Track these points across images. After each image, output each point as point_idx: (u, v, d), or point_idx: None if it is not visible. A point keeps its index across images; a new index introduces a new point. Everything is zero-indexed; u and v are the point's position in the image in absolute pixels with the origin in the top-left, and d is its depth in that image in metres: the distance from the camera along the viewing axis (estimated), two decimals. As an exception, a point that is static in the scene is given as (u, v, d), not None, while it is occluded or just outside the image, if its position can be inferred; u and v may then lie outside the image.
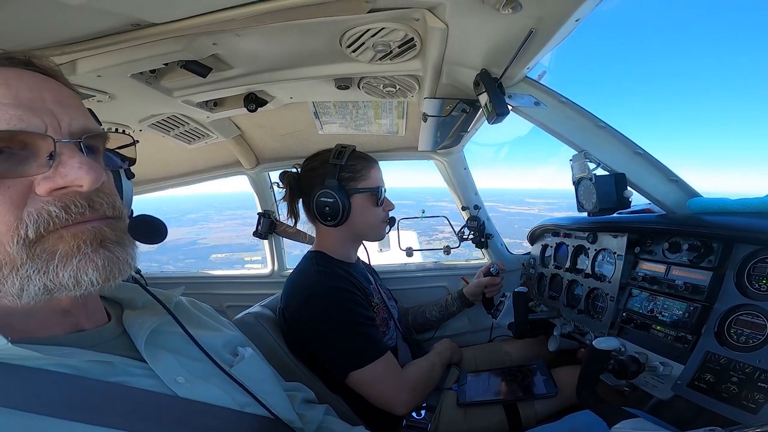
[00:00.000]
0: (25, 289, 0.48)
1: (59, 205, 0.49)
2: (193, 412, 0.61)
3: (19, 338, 0.50)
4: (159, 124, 1.60)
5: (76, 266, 0.50)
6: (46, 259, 0.49)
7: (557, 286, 1.73)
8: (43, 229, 0.48)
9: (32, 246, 0.48)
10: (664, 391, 1.03)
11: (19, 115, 0.48)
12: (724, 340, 0.95)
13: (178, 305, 0.80)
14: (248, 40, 1.04)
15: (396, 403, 1.24)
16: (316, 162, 1.44)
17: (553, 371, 1.46)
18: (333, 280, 1.30)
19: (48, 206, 0.49)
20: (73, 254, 0.50)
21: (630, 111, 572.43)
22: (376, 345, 1.25)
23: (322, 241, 1.47)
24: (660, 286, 1.15)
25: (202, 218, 44.44)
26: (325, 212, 1.34)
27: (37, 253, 0.48)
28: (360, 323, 1.25)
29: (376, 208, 1.44)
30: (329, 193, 1.33)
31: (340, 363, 1.23)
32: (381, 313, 1.43)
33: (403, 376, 1.28)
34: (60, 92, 0.54)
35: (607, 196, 1.16)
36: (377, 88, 1.41)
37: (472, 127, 1.68)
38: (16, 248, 0.47)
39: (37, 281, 0.48)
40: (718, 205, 1.10)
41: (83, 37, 0.93)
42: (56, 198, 0.49)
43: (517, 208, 18.04)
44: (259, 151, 2.22)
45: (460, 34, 0.97)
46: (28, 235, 0.47)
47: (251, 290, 2.55)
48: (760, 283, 0.92)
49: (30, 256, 0.48)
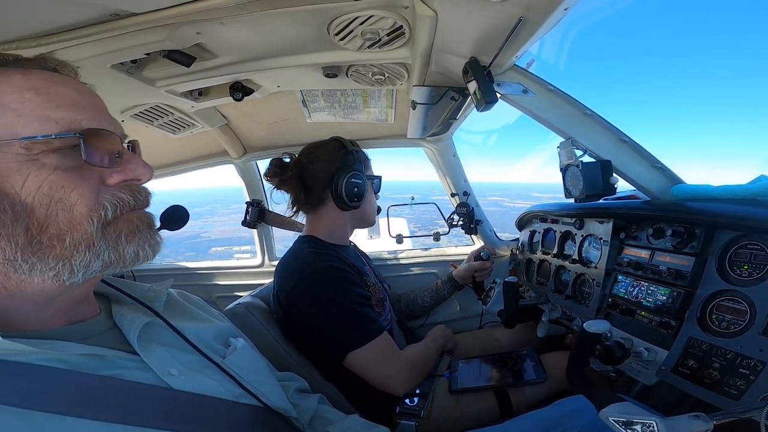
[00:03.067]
0: (90, 265, 0.55)
1: (128, 193, 0.59)
2: (187, 404, 0.62)
3: (15, 332, 0.53)
4: (142, 115, 1.57)
5: (137, 243, 0.59)
6: (115, 237, 0.57)
7: (545, 271, 1.76)
8: (119, 211, 0.57)
9: (106, 226, 0.56)
10: (649, 376, 1.05)
11: (97, 117, 0.57)
12: (706, 326, 0.97)
13: (168, 300, 0.80)
14: (233, 28, 1.01)
15: (395, 382, 1.26)
16: (326, 150, 1.47)
17: (542, 357, 1.49)
18: (327, 260, 1.31)
19: (119, 193, 0.58)
20: (135, 233, 0.59)
21: (619, 101, 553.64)
22: (374, 324, 1.26)
23: (317, 226, 1.48)
24: (644, 271, 1.18)
25: (208, 212, 44.48)
26: (354, 193, 1.40)
27: (109, 232, 0.56)
28: (357, 302, 1.25)
29: (374, 195, 1.56)
30: (360, 176, 1.41)
31: (338, 343, 1.23)
32: (377, 294, 1.44)
33: (401, 355, 1.30)
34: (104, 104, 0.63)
35: (593, 183, 1.17)
36: (366, 76, 1.40)
37: (461, 115, 1.68)
38: (94, 227, 0.54)
39: (105, 257, 0.56)
40: (701, 192, 1.12)
41: (60, 28, 0.90)
42: (123, 188, 0.59)
43: (523, 203, 18.33)
44: (246, 140, 2.19)
45: (449, 22, 0.96)
46: (107, 216, 0.56)
47: (241, 280, 2.55)
48: (742, 268, 0.94)
49: (103, 235, 0.56)
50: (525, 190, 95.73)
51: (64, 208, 0.52)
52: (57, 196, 0.52)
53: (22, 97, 0.52)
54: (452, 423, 1.30)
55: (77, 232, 0.53)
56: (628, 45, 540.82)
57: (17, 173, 0.50)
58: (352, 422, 0.95)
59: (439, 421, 1.30)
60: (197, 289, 2.52)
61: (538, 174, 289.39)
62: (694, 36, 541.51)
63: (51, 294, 0.56)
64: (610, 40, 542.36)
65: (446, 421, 1.31)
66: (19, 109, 0.51)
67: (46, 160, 0.51)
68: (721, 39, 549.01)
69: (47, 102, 0.53)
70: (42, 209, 0.51)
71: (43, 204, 0.51)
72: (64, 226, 0.53)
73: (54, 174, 0.52)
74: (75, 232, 0.53)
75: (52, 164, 0.52)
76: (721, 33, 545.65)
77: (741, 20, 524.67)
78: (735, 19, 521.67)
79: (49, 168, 0.52)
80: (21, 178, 0.50)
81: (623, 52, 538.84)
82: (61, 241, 0.53)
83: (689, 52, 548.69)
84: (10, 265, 0.51)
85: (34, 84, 0.54)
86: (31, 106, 0.52)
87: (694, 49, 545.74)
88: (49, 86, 0.55)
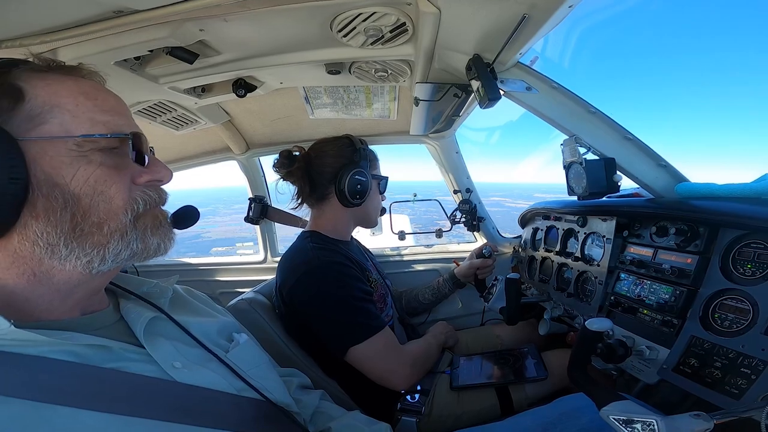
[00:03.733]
0: (121, 253, 0.60)
1: (154, 191, 0.65)
2: (191, 397, 0.64)
3: (29, 321, 0.57)
4: (145, 111, 1.57)
5: (161, 236, 0.66)
6: (143, 229, 0.63)
7: (547, 269, 1.75)
8: (148, 206, 0.64)
9: (137, 219, 0.62)
10: (650, 375, 1.05)
11: (132, 123, 0.65)
12: (709, 325, 0.97)
13: (173, 295, 0.82)
14: (236, 25, 1.01)
15: (395, 377, 1.26)
16: (336, 145, 1.48)
17: (544, 355, 1.49)
18: (330, 255, 1.31)
19: (147, 191, 0.64)
20: (158, 227, 0.65)
21: (625, 100, 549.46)
22: (375, 320, 1.26)
23: (321, 221, 1.48)
24: (647, 269, 1.17)
25: (210, 212, 44.65)
26: (356, 190, 1.40)
27: (139, 224, 0.62)
28: (358, 298, 1.26)
29: (380, 195, 1.56)
30: (364, 173, 1.41)
31: (340, 338, 1.23)
32: (379, 290, 1.44)
33: (403, 351, 1.30)
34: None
35: (596, 181, 1.17)
36: (369, 72, 1.39)
37: (464, 112, 1.67)
38: (128, 219, 0.61)
39: (134, 246, 0.62)
40: (705, 190, 1.11)
41: (63, 25, 0.90)
42: (149, 187, 0.65)
43: (525, 203, 18.10)
44: (249, 136, 2.19)
45: (453, 19, 0.95)
46: (139, 209, 0.62)
47: (244, 276, 2.56)
48: (745, 267, 0.94)
49: (134, 226, 0.62)
50: (527, 191, 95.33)
51: (105, 200, 0.58)
52: (100, 188, 0.58)
53: (76, 100, 0.59)
54: (453, 420, 1.30)
55: (114, 222, 0.59)
56: (635, 43, 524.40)
57: (69, 167, 0.56)
58: (353, 418, 0.96)
59: (440, 418, 1.30)
60: (200, 284, 2.54)
61: (540, 174, 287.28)
62: (706, 35, 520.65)
63: (76, 282, 0.61)
64: (616, 38, 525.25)
65: (447, 418, 1.31)
66: (74, 111, 0.58)
67: (94, 157, 0.58)
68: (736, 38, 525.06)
69: (96, 107, 0.60)
70: (86, 199, 0.57)
71: (87, 195, 0.57)
72: (104, 215, 0.59)
73: (99, 169, 0.58)
74: (112, 222, 0.59)
75: (97, 161, 0.58)
76: (736, 31, 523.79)
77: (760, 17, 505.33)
78: (750, 16, 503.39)
79: (95, 164, 0.58)
80: (72, 171, 0.56)
81: (629, 51, 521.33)
82: (100, 229, 0.58)
83: (699, 51, 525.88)
84: (50, 249, 0.56)
85: (84, 89, 0.61)
86: (83, 108, 0.59)
87: (707, 48, 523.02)
88: (96, 93, 0.62)
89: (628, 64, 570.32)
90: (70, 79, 0.61)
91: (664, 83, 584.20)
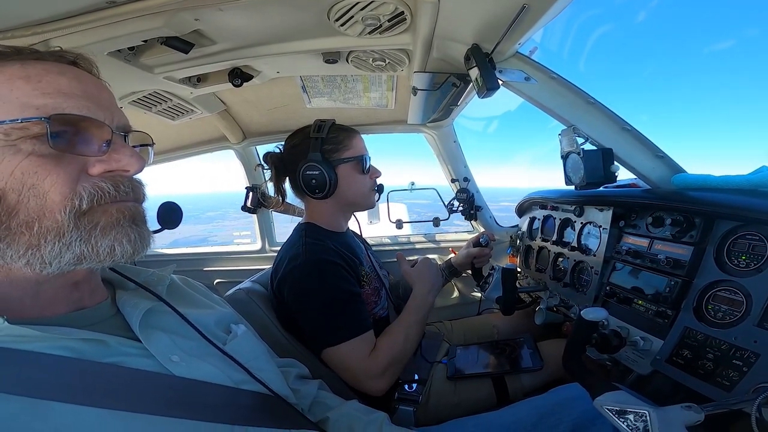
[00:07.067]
0: (61, 256, 0.53)
1: (110, 183, 0.57)
2: (189, 391, 0.62)
3: (20, 319, 0.53)
4: (140, 101, 1.56)
5: (113, 237, 0.56)
6: (89, 229, 0.55)
7: (544, 259, 1.76)
8: (96, 201, 0.55)
9: (80, 216, 0.54)
10: (643, 366, 1.07)
11: (88, 105, 0.56)
12: (702, 316, 0.97)
13: (170, 285, 0.80)
14: (232, 14, 1.00)
15: (367, 387, 1.22)
16: (296, 139, 1.43)
17: (540, 344, 1.51)
18: (318, 253, 1.28)
19: (100, 183, 0.56)
20: (112, 227, 0.56)
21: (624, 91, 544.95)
22: (354, 323, 1.22)
23: (313, 213, 1.47)
24: (643, 260, 1.18)
25: (220, 216, 44.79)
26: (312, 185, 1.35)
27: (83, 223, 0.54)
28: (340, 299, 1.22)
29: (363, 176, 1.44)
30: (314, 166, 1.33)
31: (316, 338, 1.23)
32: (372, 283, 1.42)
33: (373, 361, 1.22)
34: (111, 95, 0.63)
35: (594, 171, 1.17)
36: (366, 62, 1.38)
37: (462, 101, 1.67)
38: (66, 217, 0.53)
39: (76, 249, 0.54)
40: (701, 182, 1.12)
41: (55, 16, 0.89)
42: (106, 178, 0.57)
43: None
44: (246, 125, 2.18)
45: (451, 8, 0.94)
46: (81, 205, 0.53)
47: (241, 265, 2.56)
48: (740, 259, 0.94)
49: (76, 225, 0.53)
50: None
51: (36, 195, 0.51)
52: (30, 182, 0.51)
53: (12, 85, 0.53)
54: (450, 409, 1.32)
55: (47, 220, 0.52)
56: (636, 35, 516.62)
57: None
58: (351, 407, 0.96)
59: (437, 407, 1.32)
60: (197, 274, 2.55)
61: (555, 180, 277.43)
62: (711, 28, 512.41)
63: (35, 281, 0.56)
64: (617, 30, 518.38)
65: (444, 407, 1.33)
66: (6, 96, 0.52)
67: (24, 146, 0.51)
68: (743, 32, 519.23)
69: (35, 90, 0.53)
70: (14, 195, 0.51)
71: (14, 189, 0.51)
72: (34, 213, 0.52)
73: (27, 160, 0.51)
74: (44, 220, 0.52)
75: (27, 150, 0.51)
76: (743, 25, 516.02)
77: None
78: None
79: (23, 153, 0.51)
80: None
81: (630, 43, 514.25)
82: (30, 229, 0.52)
83: (702, 43, 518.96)
84: None
85: (29, 73, 0.54)
86: (18, 93, 0.52)
87: (708, 40, 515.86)
88: (43, 75, 0.55)
89: (629, 56, 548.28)
90: (18, 63, 0.54)
91: (664, 75, 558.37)
